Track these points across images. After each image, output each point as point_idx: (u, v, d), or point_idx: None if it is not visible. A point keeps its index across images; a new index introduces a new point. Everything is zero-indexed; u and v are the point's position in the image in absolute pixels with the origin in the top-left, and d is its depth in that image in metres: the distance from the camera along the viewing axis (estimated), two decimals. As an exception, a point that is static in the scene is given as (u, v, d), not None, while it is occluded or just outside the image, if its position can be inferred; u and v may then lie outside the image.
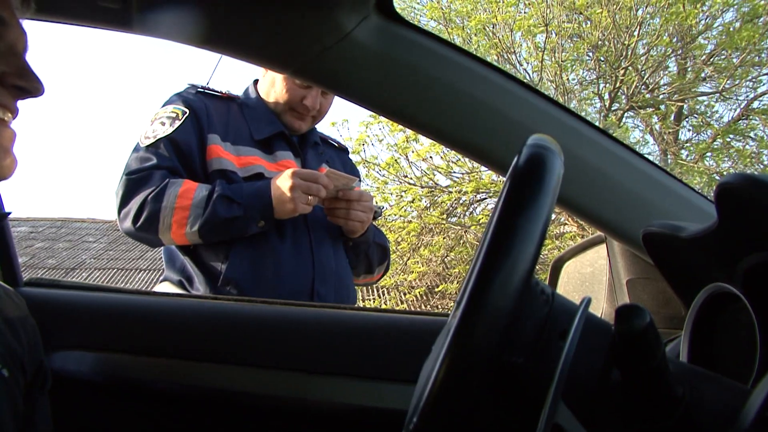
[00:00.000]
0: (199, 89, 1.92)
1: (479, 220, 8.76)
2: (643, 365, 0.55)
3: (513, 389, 0.59)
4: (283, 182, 1.70)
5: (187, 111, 1.82)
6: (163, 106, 1.86)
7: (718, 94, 9.08)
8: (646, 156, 1.24)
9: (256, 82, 2.02)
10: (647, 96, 9.13)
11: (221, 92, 1.95)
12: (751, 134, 9.19)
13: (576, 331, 0.56)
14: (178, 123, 1.79)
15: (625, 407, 0.59)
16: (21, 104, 0.86)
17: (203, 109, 1.85)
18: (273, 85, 1.93)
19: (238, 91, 2.02)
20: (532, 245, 0.51)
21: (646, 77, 8.98)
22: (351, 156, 2.28)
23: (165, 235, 1.71)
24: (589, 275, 1.53)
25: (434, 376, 0.50)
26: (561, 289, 1.63)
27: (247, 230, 1.71)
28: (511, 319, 0.50)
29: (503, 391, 0.59)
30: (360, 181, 2.09)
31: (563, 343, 0.56)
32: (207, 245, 1.74)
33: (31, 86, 0.83)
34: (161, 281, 1.85)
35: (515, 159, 0.57)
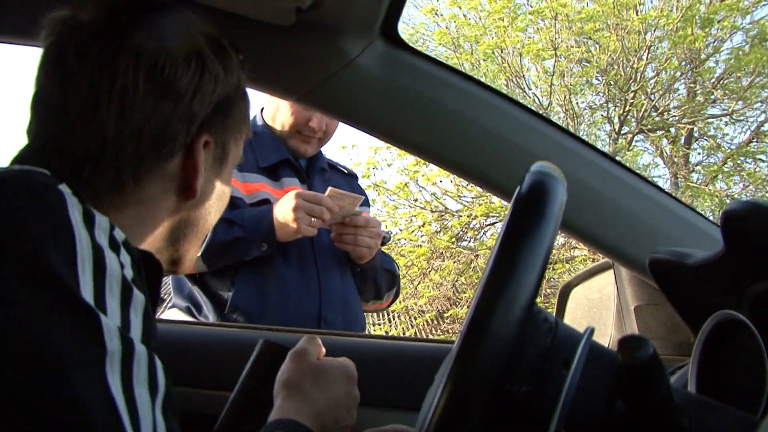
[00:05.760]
0: None
1: (489, 244, 8.75)
2: (648, 397, 0.54)
3: (515, 419, 0.58)
4: (286, 204, 1.68)
5: None
6: None
7: (728, 117, 9.08)
8: (653, 181, 1.24)
9: (262, 109, 2.02)
10: (657, 119, 9.14)
11: None
12: (762, 156, 9.19)
13: (579, 360, 0.56)
14: None
15: (630, 438, 0.58)
16: None
17: None
18: (278, 110, 1.93)
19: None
20: (533, 274, 0.51)
21: (655, 100, 8.99)
22: (361, 180, 2.27)
23: None
24: (597, 301, 1.52)
25: (435, 405, 0.50)
26: (569, 315, 1.62)
27: (249, 253, 1.69)
28: (512, 347, 0.50)
29: (505, 420, 0.58)
30: (369, 207, 2.08)
31: (566, 373, 0.55)
32: (213, 273, 1.74)
33: None
34: (169, 308, 1.84)
35: (518, 187, 0.57)
